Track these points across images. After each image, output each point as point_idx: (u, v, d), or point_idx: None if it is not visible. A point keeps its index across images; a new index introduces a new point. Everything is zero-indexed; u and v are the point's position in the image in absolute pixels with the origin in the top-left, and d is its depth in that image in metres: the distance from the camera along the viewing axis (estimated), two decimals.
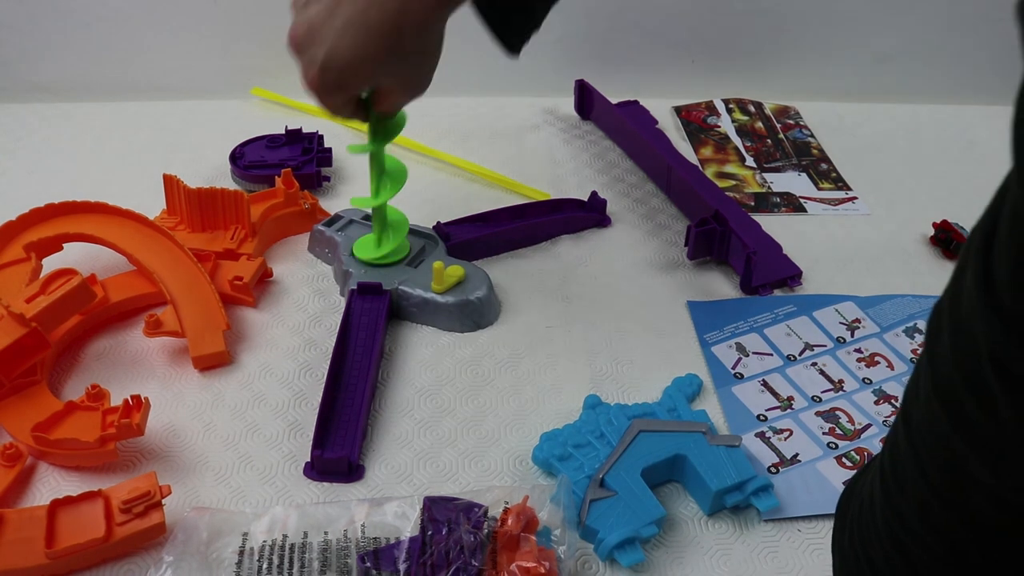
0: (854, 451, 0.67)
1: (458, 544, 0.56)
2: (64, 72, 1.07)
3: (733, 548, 0.60)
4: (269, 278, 0.81)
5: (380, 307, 0.75)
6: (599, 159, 1.01)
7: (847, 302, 0.81)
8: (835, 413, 0.71)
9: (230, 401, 0.69)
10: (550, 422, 0.67)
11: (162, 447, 0.65)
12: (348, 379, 0.69)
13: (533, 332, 0.77)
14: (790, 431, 0.69)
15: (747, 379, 0.73)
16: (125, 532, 0.56)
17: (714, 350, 0.76)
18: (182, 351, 0.72)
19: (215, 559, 0.56)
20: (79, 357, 0.72)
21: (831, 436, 0.68)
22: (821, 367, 0.75)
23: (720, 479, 0.60)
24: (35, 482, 0.62)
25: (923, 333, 0.77)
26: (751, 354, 0.76)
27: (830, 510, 0.62)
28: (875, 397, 0.72)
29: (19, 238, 0.77)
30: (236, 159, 0.93)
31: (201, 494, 0.62)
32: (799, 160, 1.03)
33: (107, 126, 1.03)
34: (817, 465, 0.66)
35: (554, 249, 0.87)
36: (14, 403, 0.65)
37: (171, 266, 0.76)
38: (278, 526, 0.58)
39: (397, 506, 0.59)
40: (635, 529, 0.58)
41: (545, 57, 1.12)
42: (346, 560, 0.56)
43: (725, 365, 0.74)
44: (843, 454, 0.67)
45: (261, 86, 1.08)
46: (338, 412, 0.67)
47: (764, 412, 0.70)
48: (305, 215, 0.86)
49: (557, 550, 0.57)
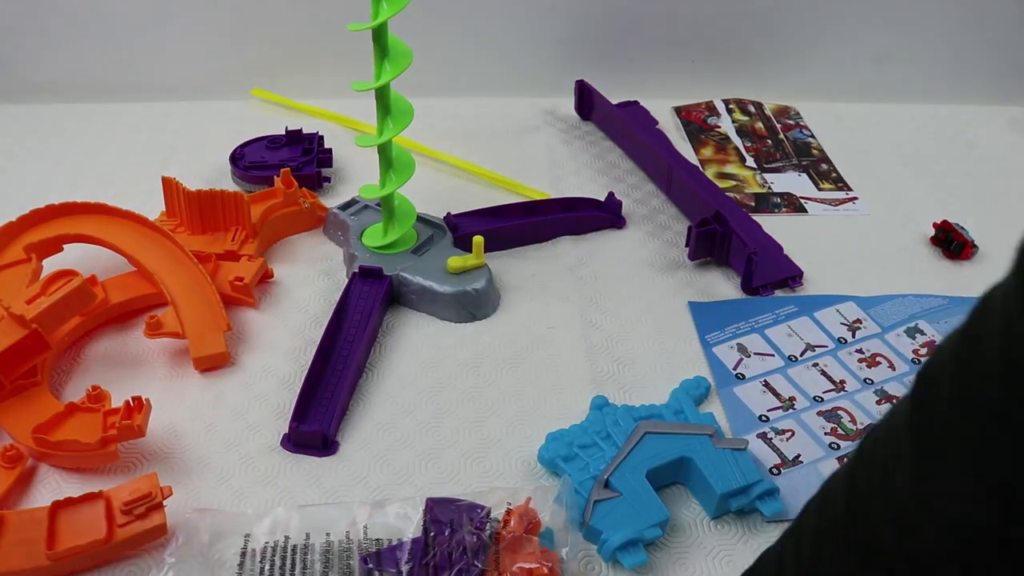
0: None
1: (460, 545, 0.56)
2: (64, 72, 1.07)
3: (736, 551, 0.60)
4: (270, 279, 0.80)
5: (378, 291, 0.76)
6: (599, 160, 1.01)
7: (848, 302, 0.81)
8: (837, 413, 0.70)
9: (231, 402, 0.69)
10: (552, 423, 0.67)
11: (163, 448, 0.65)
12: (336, 357, 0.70)
13: (534, 332, 0.77)
14: (792, 432, 0.69)
15: (749, 380, 0.73)
16: (126, 533, 0.56)
17: (715, 351, 0.76)
18: (183, 352, 0.72)
19: (217, 561, 0.56)
20: (80, 358, 0.72)
21: (833, 436, 0.68)
22: (823, 367, 0.75)
23: (725, 482, 0.60)
24: (36, 484, 0.62)
25: (924, 334, 0.77)
26: (752, 355, 0.75)
27: None
28: (877, 397, 0.72)
29: (19, 239, 0.76)
30: (236, 160, 0.93)
31: (202, 495, 0.62)
32: (799, 160, 1.03)
33: (107, 126, 1.03)
34: (819, 466, 0.66)
35: (555, 249, 0.87)
36: (15, 405, 0.65)
37: (172, 267, 0.76)
38: (280, 527, 0.58)
39: (399, 507, 0.59)
40: (639, 531, 0.58)
41: (545, 58, 1.12)
42: (348, 561, 0.56)
43: (727, 366, 0.74)
44: (845, 455, 0.67)
45: (261, 87, 1.08)
46: (321, 388, 0.68)
47: (766, 413, 0.70)
48: (305, 214, 0.86)
49: (560, 551, 0.57)
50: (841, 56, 1.14)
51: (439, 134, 1.01)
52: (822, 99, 1.14)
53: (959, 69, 1.15)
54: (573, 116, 1.08)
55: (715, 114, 1.10)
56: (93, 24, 1.05)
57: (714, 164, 1.02)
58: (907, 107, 1.13)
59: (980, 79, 1.15)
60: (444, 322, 0.78)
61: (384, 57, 0.71)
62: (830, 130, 1.09)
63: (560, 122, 1.07)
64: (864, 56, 1.14)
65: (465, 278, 0.78)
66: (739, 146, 1.05)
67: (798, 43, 1.13)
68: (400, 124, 0.74)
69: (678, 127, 1.08)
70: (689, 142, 1.05)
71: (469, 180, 0.96)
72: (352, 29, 0.69)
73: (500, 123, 1.06)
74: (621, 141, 1.03)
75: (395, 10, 0.68)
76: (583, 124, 1.07)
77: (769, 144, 1.06)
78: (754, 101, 1.13)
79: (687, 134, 1.07)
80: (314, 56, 1.07)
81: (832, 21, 1.12)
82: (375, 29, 0.70)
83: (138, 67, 1.08)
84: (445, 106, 1.07)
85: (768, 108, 1.12)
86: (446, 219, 0.84)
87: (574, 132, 1.06)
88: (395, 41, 0.72)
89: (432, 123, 1.01)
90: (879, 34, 1.13)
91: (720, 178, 0.99)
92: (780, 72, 1.15)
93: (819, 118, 1.11)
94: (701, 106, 1.12)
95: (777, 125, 1.09)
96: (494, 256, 0.83)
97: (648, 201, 0.94)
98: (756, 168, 1.02)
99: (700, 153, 1.04)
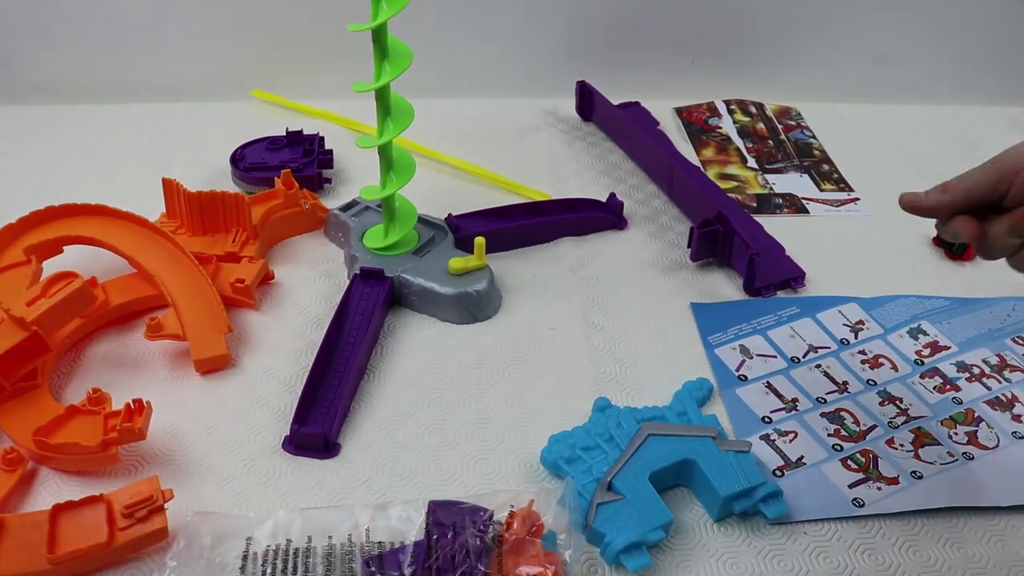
0: (859, 453, 0.67)
1: (463, 548, 0.55)
2: (64, 72, 1.07)
3: (740, 553, 0.60)
4: (271, 280, 0.80)
5: (379, 292, 0.76)
6: (600, 160, 1.01)
7: (850, 303, 0.81)
8: (840, 414, 0.70)
9: (232, 404, 0.69)
10: (554, 424, 0.66)
11: (164, 451, 0.65)
12: (337, 359, 0.70)
13: (536, 334, 0.77)
14: (795, 433, 0.68)
15: (751, 381, 0.73)
16: (127, 537, 0.56)
17: (717, 352, 0.75)
18: (183, 354, 0.72)
19: (218, 564, 0.55)
20: (80, 361, 0.72)
21: (836, 438, 0.68)
22: (825, 369, 0.75)
23: (729, 485, 0.60)
24: (36, 487, 0.62)
25: (926, 334, 0.77)
26: (755, 356, 0.75)
27: (837, 514, 0.62)
28: (880, 399, 0.72)
29: (19, 241, 0.76)
30: (237, 161, 0.92)
31: (204, 498, 0.61)
32: (801, 161, 1.03)
33: (107, 128, 1.03)
34: (822, 467, 0.65)
35: (556, 250, 0.86)
36: (15, 407, 0.64)
37: (172, 268, 0.75)
38: (282, 530, 0.57)
39: (401, 510, 0.59)
40: (642, 533, 0.57)
41: (546, 58, 1.12)
42: (351, 565, 0.55)
43: (729, 367, 0.74)
44: (848, 456, 0.66)
45: (262, 88, 1.07)
46: (323, 390, 0.68)
47: (769, 414, 0.70)
48: (306, 215, 0.86)
49: (563, 554, 0.57)
50: (842, 56, 1.14)
51: (440, 135, 1.01)
52: (824, 100, 1.14)
53: (961, 69, 1.15)
54: (574, 117, 1.08)
55: (716, 115, 1.10)
56: (93, 24, 1.05)
57: (715, 165, 1.02)
58: (909, 107, 1.13)
59: (982, 79, 1.15)
60: (446, 323, 0.77)
61: (384, 58, 0.71)
62: (831, 131, 1.09)
63: (561, 123, 1.07)
64: (866, 56, 1.14)
65: (466, 279, 0.77)
66: (740, 147, 1.05)
67: (799, 44, 1.13)
68: (400, 125, 0.74)
69: (679, 128, 1.08)
70: (690, 143, 1.05)
71: (470, 181, 0.96)
72: (352, 30, 0.69)
73: (501, 124, 1.06)
74: (622, 142, 1.03)
75: (395, 10, 0.68)
76: (584, 125, 1.07)
77: (770, 145, 1.06)
78: (755, 102, 1.13)
79: (688, 135, 1.07)
80: (314, 56, 1.07)
81: (833, 21, 1.12)
82: (375, 30, 0.69)
83: (138, 67, 1.08)
84: (446, 107, 1.07)
85: (769, 109, 1.12)
86: (447, 220, 0.84)
87: (575, 133, 1.06)
88: (395, 42, 0.72)
89: (433, 124, 1.01)
90: (881, 34, 1.13)
91: (721, 179, 0.99)
92: (781, 73, 1.15)
93: (820, 119, 1.11)
94: (702, 107, 1.12)
95: (778, 126, 1.09)
96: (495, 257, 0.83)
97: (650, 202, 0.94)
98: (758, 169, 1.02)
99: (701, 154, 1.04)
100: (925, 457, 0.67)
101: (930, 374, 0.74)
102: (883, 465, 0.66)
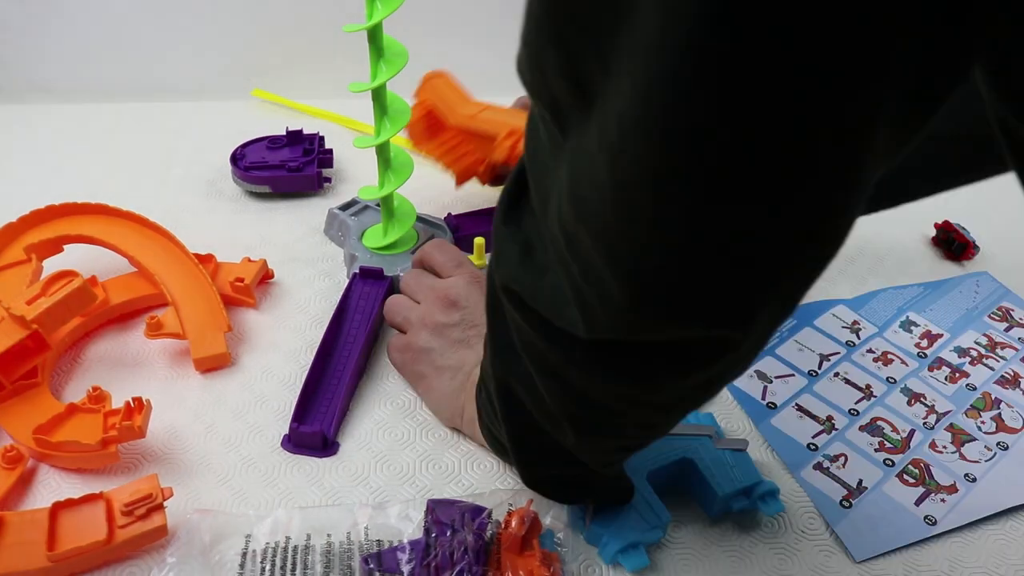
0: (911, 464, 0.66)
1: (462, 547, 0.56)
2: (64, 72, 1.07)
3: (739, 552, 0.60)
4: (270, 279, 0.80)
5: (379, 292, 0.76)
6: None
7: (839, 305, 0.81)
8: (877, 424, 0.69)
9: (232, 403, 0.69)
10: None
11: (163, 449, 0.65)
12: (336, 358, 0.70)
13: None
14: (844, 456, 0.66)
15: (781, 408, 0.70)
16: (127, 535, 0.56)
17: (736, 383, 0.72)
18: (183, 353, 0.72)
19: (217, 562, 0.56)
20: (80, 359, 0.72)
21: (883, 451, 0.67)
22: (844, 375, 0.73)
23: (726, 484, 0.60)
24: (36, 484, 0.62)
25: (918, 325, 0.78)
26: (774, 379, 0.73)
27: (915, 537, 0.61)
28: (905, 397, 0.72)
29: (19, 240, 0.76)
30: (237, 160, 0.92)
31: (203, 496, 0.62)
32: None
33: (107, 127, 1.03)
34: (884, 488, 0.64)
35: None
36: (15, 405, 0.65)
37: (172, 267, 0.75)
38: (281, 528, 0.58)
39: (400, 509, 0.59)
40: (640, 533, 0.57)
41: None
42: (349, 563, 0.56)
43: (754, 397, 0.71)
44: (902, 470, 0.66)
45: (262, 87, 1.08)
46: (322, 388, 0.68)
47: (811, 440, 0.68)
48: None
49: (561, 553, 0.57)
50: None
51: None
52: None
53: None
54: None
55: None
56: (93, 24, 1.05)
57: None
58: None
59: None
60: None
61: (380, 58, 0.71)
62: None
63: None
64: None
65: None
66: None
67: None
68: (397, 124, 0.74)
69: None
70: None
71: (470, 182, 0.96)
72: (347, 30, 0.69)
73: None
74: None
75: (389, 10, 0.68)
76: None
77: None
78: None
79: None
80: (314, 56, 1.07)
81: None
82: (370, 30, 0.70)
83: (138, 67, 1.08)
84: None
85: None
86: (447, 220, 0.84)
87: None
88: (391, 41, 0.72)
89: None
90: None
91: None
92: None
93: None
94: None
95: None
96: None
97: None
98: None
99: None
100: (969, 456, 0.67)
101: (936, 365, 0.75)
102: (937, 474, 0.66)
